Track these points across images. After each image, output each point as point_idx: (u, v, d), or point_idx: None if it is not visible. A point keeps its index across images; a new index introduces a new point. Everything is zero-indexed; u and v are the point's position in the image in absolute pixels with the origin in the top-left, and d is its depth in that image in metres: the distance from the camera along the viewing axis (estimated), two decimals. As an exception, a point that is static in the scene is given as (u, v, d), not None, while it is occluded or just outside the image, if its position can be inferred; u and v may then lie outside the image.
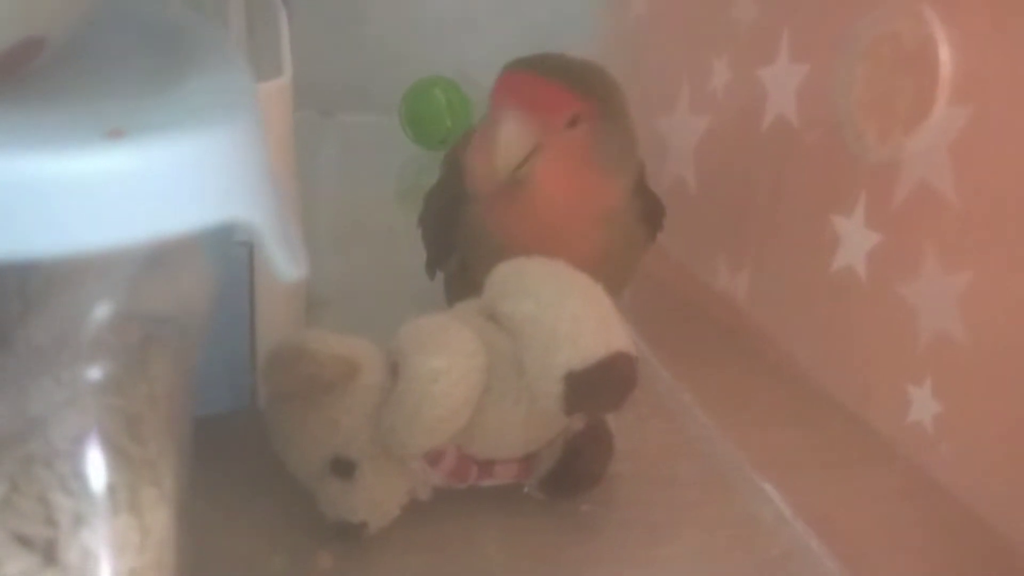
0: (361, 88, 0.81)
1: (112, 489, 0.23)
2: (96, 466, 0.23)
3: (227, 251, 0.32)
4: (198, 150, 0.19)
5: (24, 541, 0.22)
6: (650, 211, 0.45)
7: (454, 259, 0.46)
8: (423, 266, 0.48)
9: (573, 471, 0.38)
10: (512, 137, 0.40)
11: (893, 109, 0.39)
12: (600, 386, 0.34)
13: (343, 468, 0.35)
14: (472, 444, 0.36)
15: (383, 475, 0.35)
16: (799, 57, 0.45)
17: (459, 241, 0.45)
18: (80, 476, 0.23)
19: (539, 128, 0.40)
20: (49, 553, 0.22)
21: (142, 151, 0.18)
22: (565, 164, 0.41)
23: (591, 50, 0.45)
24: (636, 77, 0.43)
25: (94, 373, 0.22)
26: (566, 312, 0.35)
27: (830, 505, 0.39)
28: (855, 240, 0.41)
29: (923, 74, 0.37)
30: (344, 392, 0.35)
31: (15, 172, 0.18)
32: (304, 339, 0.34)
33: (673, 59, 0.54)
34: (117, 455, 0.23)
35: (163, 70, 0.25)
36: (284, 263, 0.21)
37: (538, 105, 0.40)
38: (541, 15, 0.78)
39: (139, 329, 0.22)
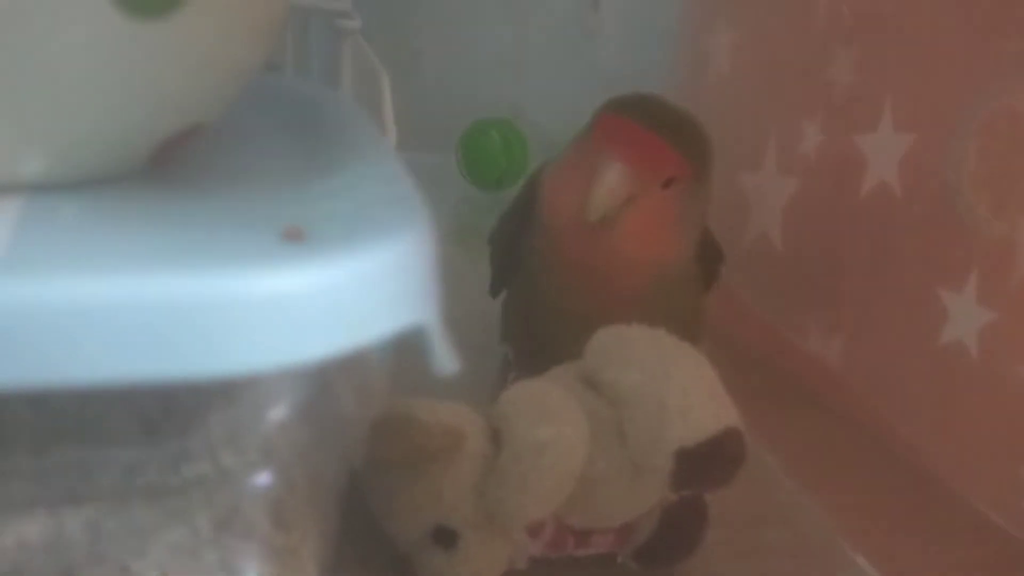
0: (417, 128, 0.81)
1: (261, 581, 0.22)
2: (241, 556, 0.23)
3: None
4: (383, 259, 0.19)
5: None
6: (708, 255, 0.45)
7: (517, 280, 0.46)
8: (482, 301, 0.48)
9: (669, 541, 0.38)
10: (611, 187, 0.40)
11: (1010, 186, 0.38)
12: (711, 463, 0.33)
13: (446, 538, 0.34)
14: (572, 515, 0.36)
15: (485, 545, 0.35)
16: (904, 127, 0.44)
17: (523, 263, 0.45)
18: (227, 567, 0.23)
19: (637, 183, 0.40)
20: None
21: (328, 263, 0.18)
22: (649, 221, 0.41)
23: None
24: (717, 130, 0.43)
25: (257, 471, 0.21)
26: (674, 384, 0.34)
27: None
28: (966, 316, 0.40)
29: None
30: (449, 462, 0.34)
31: (200, 290, 0.17)
32: (412, 408, 0.34)
33: (759, 117, 0.53)
34: (261, 544, 0.23)
35: (313, 149, 0.25)
36: (444, 360, 0.21)
37: (643, 161, 0.40)
38: (609, 61, 0.77)
39: (307, 430, 0.21)
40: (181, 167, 0.23)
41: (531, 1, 0.82)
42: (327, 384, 0.21)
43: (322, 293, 0.18)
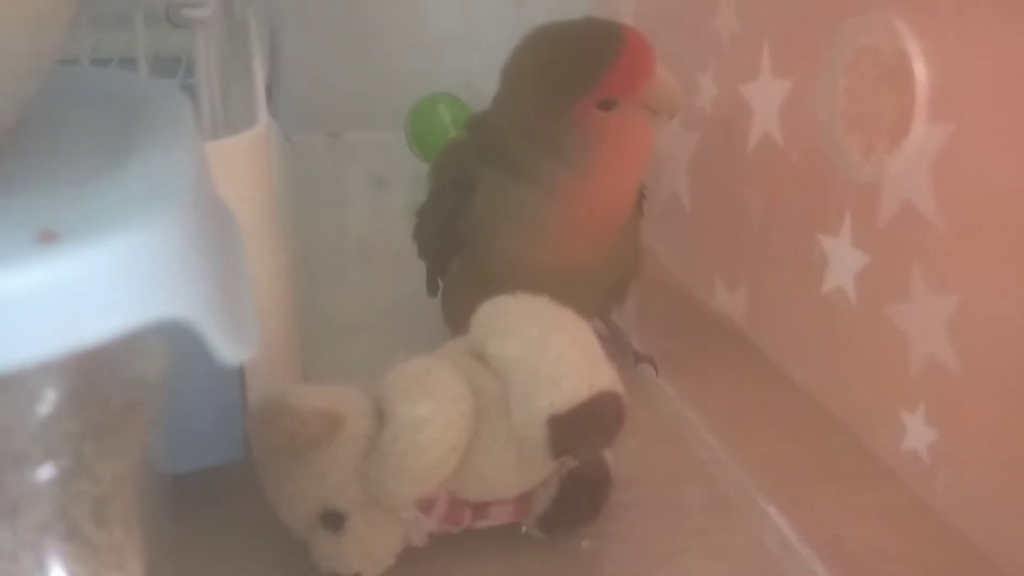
0: (367, 107, 0.81)
1: (75, 581, 0.23)
2: (60, 557, 0.23)
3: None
4: (122, 253, 0.19)
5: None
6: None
7: (455, 262, 0.46)
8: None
9: (570, 508, 0.38)
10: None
11: (876, 126, 0.38)
12: (586, 428, 0.33)
13: (333, 521, 0.35)
14: (464, 488, 0.36)
15: (374, 525, 0.35)
16: (781, 72, 0.43)
17: (467, 236, 0.45)
18: (43, 568, 0.23)
19: None
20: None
21: (62, 260, 0.18)
22: None
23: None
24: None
25: (48, 465, 0.22)
26: (549, 353, 0.34)
27: (837, 525, 0.38)
28: (843, 261, 0.40)
29: (901, 90, 0.36)
30: (330, 445, 0.34)
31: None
32: (285, 395, 0.34)
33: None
34: (82, 544, 0.23)
35: (112, 152, 0.25)
36: (225, 350, 0.21)
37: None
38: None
39: (91, 415, 0.22)
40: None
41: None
42: (95, 376, 0.21)
43: (56, 289, 0.18)
